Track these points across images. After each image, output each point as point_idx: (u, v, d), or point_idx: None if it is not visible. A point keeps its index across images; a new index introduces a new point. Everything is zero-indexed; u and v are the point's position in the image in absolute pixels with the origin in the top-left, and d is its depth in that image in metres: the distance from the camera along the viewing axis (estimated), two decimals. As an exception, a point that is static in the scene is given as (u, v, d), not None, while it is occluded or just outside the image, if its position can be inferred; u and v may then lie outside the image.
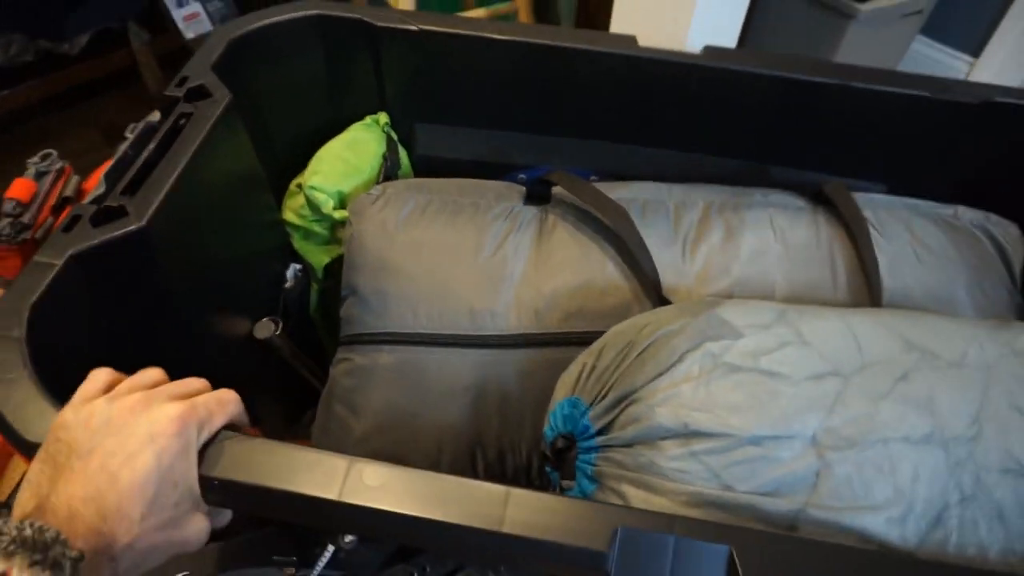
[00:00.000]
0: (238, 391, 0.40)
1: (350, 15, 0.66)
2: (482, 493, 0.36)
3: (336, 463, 0.36)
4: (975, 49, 1.34)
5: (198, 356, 0.57)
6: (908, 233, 0.61)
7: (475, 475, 0.56)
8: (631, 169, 0.73)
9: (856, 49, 1.10)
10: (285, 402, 0.71)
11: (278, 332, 0.60)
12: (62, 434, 0.34)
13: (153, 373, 0.39)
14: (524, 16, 1.30)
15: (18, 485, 0.49)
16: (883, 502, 0.39)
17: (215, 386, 0.39)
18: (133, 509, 0.33)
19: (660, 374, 0.43)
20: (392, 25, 0.66)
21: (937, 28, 1.36)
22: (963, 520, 0.40)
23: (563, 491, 0.47)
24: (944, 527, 0.40)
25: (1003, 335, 0.47)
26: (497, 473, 0.56)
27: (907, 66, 1.43)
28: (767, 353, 0.43)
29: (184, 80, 0.58)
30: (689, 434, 0.41)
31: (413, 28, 0.66)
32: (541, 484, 0.57)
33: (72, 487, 0.33)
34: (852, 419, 0.41)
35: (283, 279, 0.68)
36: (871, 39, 1.11)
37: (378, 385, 0.57)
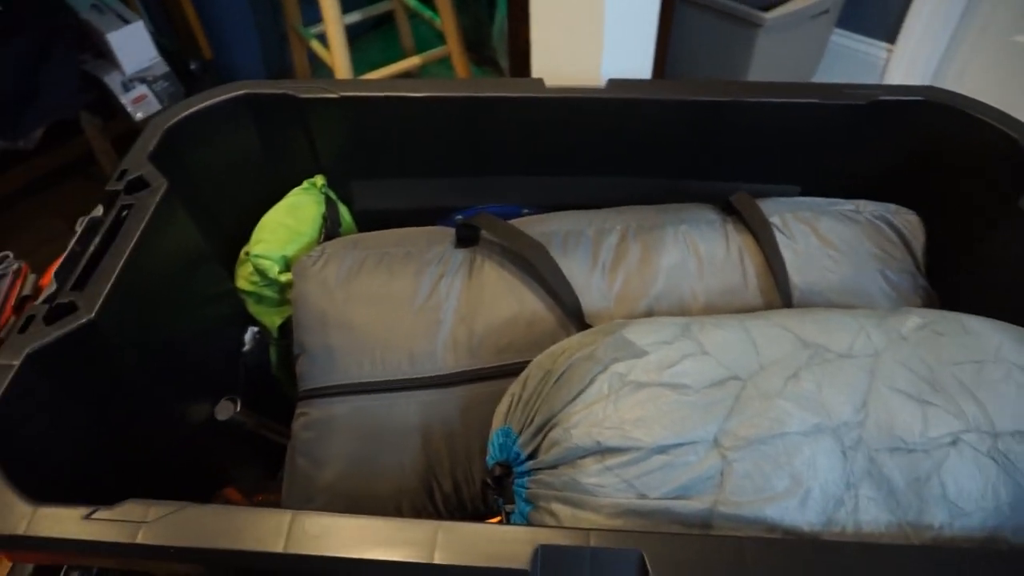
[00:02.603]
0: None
1: (275, 91, 0.71)
2: (414, 530, 0.40)
3: (280, 518, 0.40)
4: (890, 36, 1.41)
5: (164, 435, 0.61)
6: (812, 232, 0.65)
7: (435, 508, 0.60)
8: (558, 199, 0.77)
9: (771, 55, 1.15)
10: (259, 461, 0.75)
11: (239, 410, 0.64)
12: None
13: None
14: (457, 56, 1.35)
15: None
16: (783, 491, 0.43)
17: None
18: None
19: (574, 398, 0.47)
20: (314, 96, 0.70)
21: (853, 20, 1.42)
22: (860, 499, 0.44)
23: (507, 515, 0.51)
24: (845, 507, 0.44)
25: (890, 322, 0.52)
26: (455, 503, 0.60)
27: (829, 61, 1.49)
28: (669, 367, 0.47)
29: (123, 173, 0.62)
30: (603, 451, 0.45)
31: (334, 96, 0.70)
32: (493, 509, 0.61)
33: None
34: (748, 419, 0.45)
35: (242, 343, 0.72)
36: (784, 44, 1.17)
37: (335, 435, 0.60)
